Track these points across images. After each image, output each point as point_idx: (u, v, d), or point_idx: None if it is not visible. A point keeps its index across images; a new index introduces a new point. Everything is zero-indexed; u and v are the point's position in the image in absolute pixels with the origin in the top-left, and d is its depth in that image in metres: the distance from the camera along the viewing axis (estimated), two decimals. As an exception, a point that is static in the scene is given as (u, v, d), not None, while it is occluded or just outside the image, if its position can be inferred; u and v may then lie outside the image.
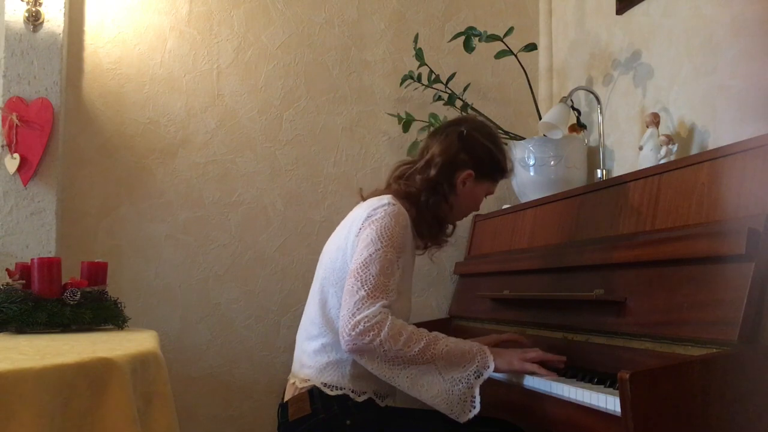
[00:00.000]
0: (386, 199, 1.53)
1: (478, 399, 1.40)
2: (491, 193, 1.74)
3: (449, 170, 1.63)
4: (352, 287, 1.41)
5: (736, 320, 1.17)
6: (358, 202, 1.67)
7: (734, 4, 1.74)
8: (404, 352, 1.37)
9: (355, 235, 1.51)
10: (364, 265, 1.42)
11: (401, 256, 1.48)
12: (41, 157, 2.02)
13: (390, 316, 1.39)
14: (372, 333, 1.36)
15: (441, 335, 1.43)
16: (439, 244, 1.71)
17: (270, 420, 1.68)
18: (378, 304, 1.39)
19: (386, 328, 1.36)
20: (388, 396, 1.59)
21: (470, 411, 1.40)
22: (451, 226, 1.70)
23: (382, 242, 1.45)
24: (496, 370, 1.42)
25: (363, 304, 1.38)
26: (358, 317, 1.37)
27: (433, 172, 1.62)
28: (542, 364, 1.47)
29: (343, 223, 1.66)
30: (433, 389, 1.40)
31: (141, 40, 2.28)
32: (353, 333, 1.36)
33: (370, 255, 1.43)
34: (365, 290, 1.40)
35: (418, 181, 1.62)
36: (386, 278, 1.42)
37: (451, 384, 1.39)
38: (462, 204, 1.67)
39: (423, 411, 1.82)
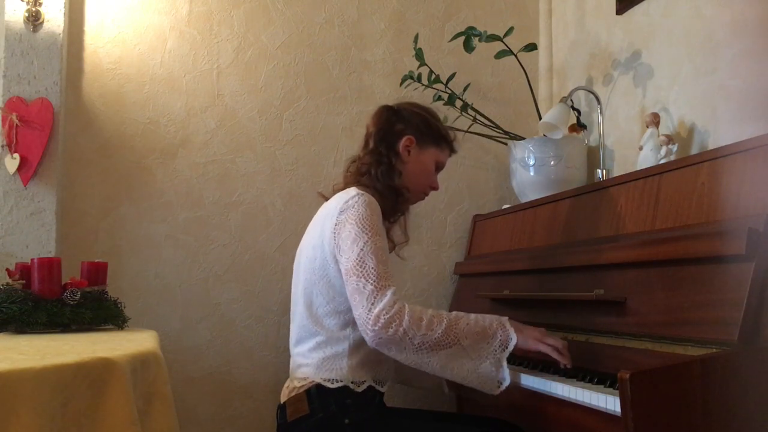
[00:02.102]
0: (353, 191, 1.55)
1: (507, 371, 1.42)
2: (441, 163, 1.74)
3: (389, 140, 1.68)
4: (357, 285, 1.42)
5: (736, 320, 1.17)
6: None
7: (734, 4, 1.74)
8: (429, 336, 1.38)
9: (330, 231, 1.51)
10: (359, 261, 1.43)
11: (385, 240, 1.51)
12: (41, 157, 2.01)
13: (406, 304, 1.41)
14: (394, 324, 1.37)
15: (461, 314, 1.45)
16: (402, 212, 1.71)
17: (270, 420, 1.68)
18: (389, 293, 1.40)
19: (406, 316, 1.38)
20: (387, 381, 1.60)
21: (501, 384, 1.42)
22: (406, 191, 1.67)
23: (366, 233, 1.45)
24: (516, 344, 1.43)
25: (375, 297, 1.39)
26: (376, 311, 1.38)
27: (372, 144, 1.68)
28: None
29: (314, 221, 1.67)
30: (464, 369, 1.41)
31: (141, 40, 2.28)
32: (376, 327, 1.37)
33: (361, 249, 1.44)
34: (372, 284, 1.40)
35: (364, 158, 1.68)
36: (384, 265, 1.44)
37: (479, 361, 1.41)
38: (412, 172, 1.68)
39: (421, 411, 1.82)
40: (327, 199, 1.67)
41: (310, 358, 1.55)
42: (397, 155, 1.67)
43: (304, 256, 1.62)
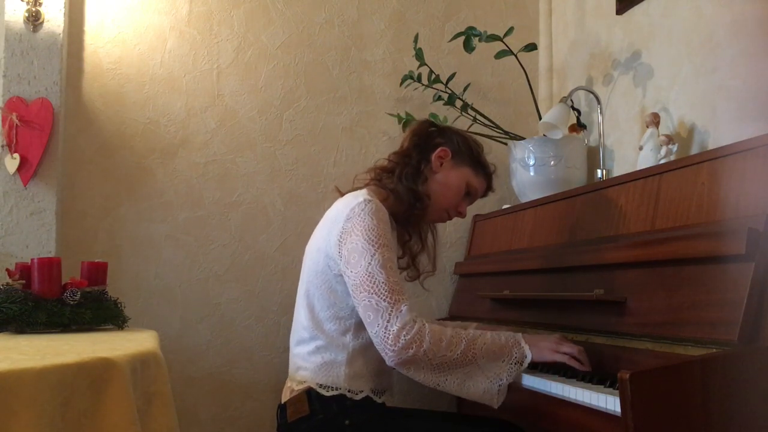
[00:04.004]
0: (362, 196, 1.51)
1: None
2: (474, 188, 1.68)
3: (423, 147, 1.64)
4: (369, 302, 1.38)
5: (736, 320, 1.17)
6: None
7: (734, 4, 1.74)
8: (448, 357, 1.37)
9: (336, 236, 1.47)
10: (369, 275, 1.40)
11: (393, 251, 1.47)
12: (41, 157, 2.01)
13: (425, 323, 1.38)
14: (415, 345, 1.35)
15: (477, 332, 1.44)
16: (415, 220, 1.65)
17: (270, 420, 1.68)
18: (404, 309, 1.37)
19: (427, 337, 1.36)
20: (385, 392, 1.59)
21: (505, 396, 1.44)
22: (427, 199, 1.61)
23: (373, 245, 1.42)
24: (532, 359, 1.43)
25: (391, 314, 1.36)
26: (395, 330, 1.35)
27: (405, 146, 1.66)
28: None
29: (323, 221, 1.62)
30: (479, 387, 1.41)
31: (141, 40, 2.28)
32: (396, 348, 1.35)
33: (369, 264, 1.40)
34: (385, 300, 1.37)
35: (393, 157, 1.66)
36: (395, 277, 1.41)
37: (495, 379, 1.41)
38: (439, 183, 1.63)
39: (421, 410, 1.82)
40: (342, 194, 1.64)
41: (309, 362, 1.54)
42: (428, 163, 1.63)
43: (308, 258, 1.60)
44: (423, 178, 1.62)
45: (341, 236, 1.46)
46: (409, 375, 1.40)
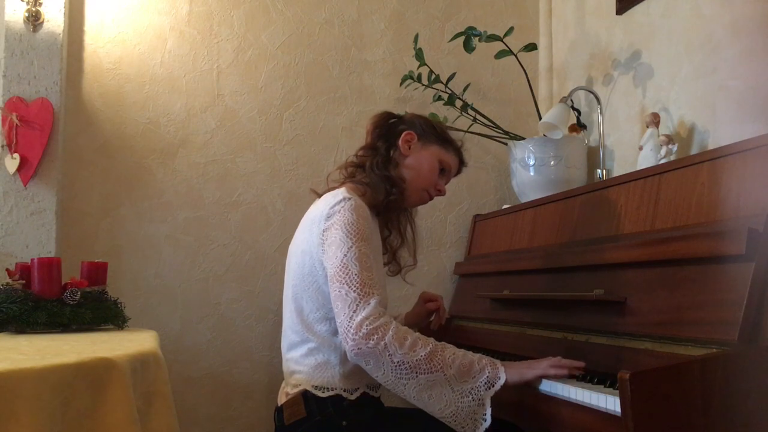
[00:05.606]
0: (341, 194, 1.50)
1: (488, 412, 1.35)
2: (447, 164, 1.67)
3: (388, 136, 1.65)
4: (340, 292, 1.37)
5: (736, 320, 1.17)
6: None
7: (734, 4, 1.74)
8: (410, 356, 1.32)
9: (318, 236, 1.47)
10: (343, 267, 1.39)
11: (371, 247, 1.45)
12: (41, 157, 2.02)
13: (394, 321, 1.36)
14: (376, 336, 1.32)
15: (449, 344, 1.39)
16: (397, 208, 1.63)
17: (270, 420, 1.69)
18: (372, 302, 1.35)
19: (391, 331, 1.32)
20: (380, 385, 1.57)
21: (480, 425, 1.35)
22: (402, 183, 1.60)
23: (351, 239, 1.41)
24: (507, 383, 1.37)
25: (358, 305, 1.35)
26: (358, 319, 1.33)
27: (369, 139, 1.67)
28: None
29: (303, 223, 1.62)
30: (441, 401, 1.34)
31: (141, 40, 2.28)
32: (357, 336, 1.32)
33: (345, 255, 1.39)
34: (354, 291, 1.36)
35: (361, 152, 1.66)
36: (369, 272, 1.39)
37: (460, 396, 1.34)
38: (412, 166, 1.62)
39: (419, 410, 1.82)
40: (319, 195, 1.65)
41: (303, 365, 1.53)
42: (396, 148, 1.63)
43: (293, 261, 1.59)
44: (394, 163, 1.62)
45: (323, 234, 1.46)
46: (368, 370, 1.36)
